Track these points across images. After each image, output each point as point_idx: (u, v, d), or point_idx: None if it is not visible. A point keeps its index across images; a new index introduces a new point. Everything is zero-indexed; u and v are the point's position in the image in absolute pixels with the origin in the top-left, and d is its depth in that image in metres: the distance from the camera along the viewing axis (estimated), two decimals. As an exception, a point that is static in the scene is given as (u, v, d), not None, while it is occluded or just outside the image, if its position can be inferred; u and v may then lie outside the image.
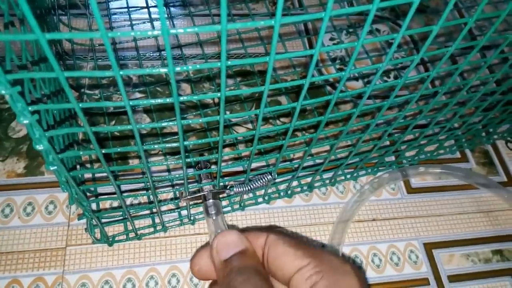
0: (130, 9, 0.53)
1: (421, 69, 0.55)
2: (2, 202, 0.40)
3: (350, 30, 0.57)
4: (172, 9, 0.56)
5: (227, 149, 0.45)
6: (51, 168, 0.24)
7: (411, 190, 0.46)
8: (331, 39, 0.56)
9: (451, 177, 0.46)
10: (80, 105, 0.20)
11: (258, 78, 0.50)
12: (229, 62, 0.19)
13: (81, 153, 0.24)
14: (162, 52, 0.51)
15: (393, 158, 0.46)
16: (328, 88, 0.51)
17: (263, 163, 0.45)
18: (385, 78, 0.54)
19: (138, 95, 0.47)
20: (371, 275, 0.40)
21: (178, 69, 0.18)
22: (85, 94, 0.47)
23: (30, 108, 0.19)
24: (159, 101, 0.20)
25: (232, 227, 0.41)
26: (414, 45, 0.57)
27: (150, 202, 0.41)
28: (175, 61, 0.51)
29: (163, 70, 0.18)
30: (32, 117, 0.19)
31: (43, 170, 0.42)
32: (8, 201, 0.40)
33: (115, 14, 0.53)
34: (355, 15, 0.59)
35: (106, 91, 0.47)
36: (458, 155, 0.49)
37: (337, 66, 0.53)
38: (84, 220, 0.39)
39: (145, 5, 0.54)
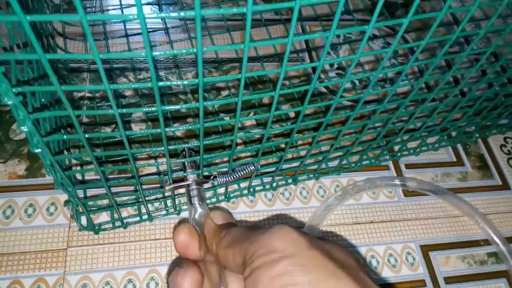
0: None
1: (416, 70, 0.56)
2: (3, 204, 0.40)
3: (350, 39, 0.58)
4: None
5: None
6: (35, 150, 0.25)
7: (408, 193, 0.46)
8: (328, 53, 0.57)
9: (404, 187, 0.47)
10: (63, 87, 0.20)
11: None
12: (204, 48, 0.20)
13: (64, 136, 0.25)
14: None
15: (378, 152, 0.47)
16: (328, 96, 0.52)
17: (249, 154, 0.45)
18: (383, 82, 0.54)
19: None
20: (369, 276, 0.40)
21: (156, 53, 0.20)
22: (68, 79, 0.47)
23: (14, 90, 0.20)
24: (139, 85, 0.21)
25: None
26: (412, 54, 0.58)
27: (136, 191, 0.41)
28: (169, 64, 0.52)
29: (142, 54, 0.19)
30: (16, 98, 0.20)
31: (44, 172, 0.42)
32: (10, 202, 0.41)
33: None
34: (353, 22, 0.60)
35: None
36: (453, 158, 0.50)
37: (335, 72, 0.54)
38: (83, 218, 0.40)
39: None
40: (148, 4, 0.56)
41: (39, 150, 0.25)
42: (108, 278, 0.37)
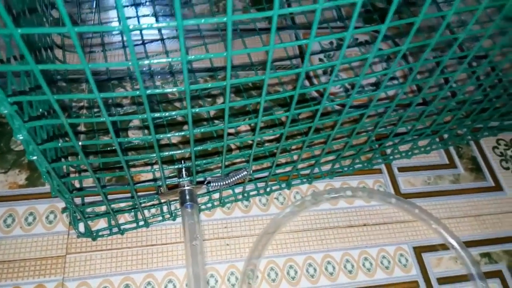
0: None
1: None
2: (4, 213, 0.42)
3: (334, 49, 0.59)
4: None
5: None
6: (31, 158, 0.26)
7: (400, 194, 0.47)
8: (320, 60, 0.58)
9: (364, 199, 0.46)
10: (55, 96, 0.22)
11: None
12: (189, 57, 0.21)
13: (59, 144, 0.26)
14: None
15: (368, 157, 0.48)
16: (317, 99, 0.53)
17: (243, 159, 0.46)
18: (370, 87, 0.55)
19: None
20: (362, 278, 0.41)
21: (145, 62, 0.21)
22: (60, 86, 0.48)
23: (9, 100, 0.21)
24: (128, 93, 0.23)
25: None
26: (404, 59, 0.59)
27: (132, 197, 0.42)
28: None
29: (129, 63, 0.20)
30: (11, 107, 0.21)
31: (44, 182, 0.44)
32: (10, 211, 0.42)
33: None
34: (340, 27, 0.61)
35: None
36: (446, 161, 0.50)
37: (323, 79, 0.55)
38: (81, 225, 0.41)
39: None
40: (144, 16, 0.58)
41: (35, 157, 0.27)
42: (105, 284, 0.38)
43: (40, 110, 0.34)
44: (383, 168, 0.49)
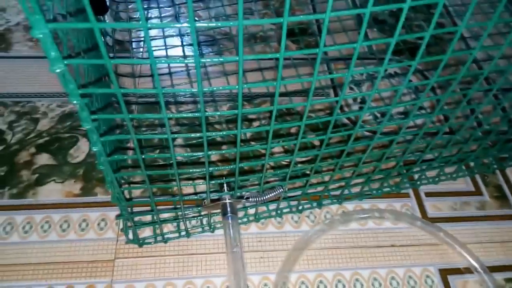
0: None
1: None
2: (60, 219, 0.46)
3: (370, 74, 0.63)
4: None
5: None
6: (101, 168, 0.30)
7: (428, 219, 0.49)
8: (351, 89, 0.62)
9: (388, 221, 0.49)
10: (112, 61, 0.23)
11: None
12: (244, 85, 0.25)
13: (125, 156, 0.30)
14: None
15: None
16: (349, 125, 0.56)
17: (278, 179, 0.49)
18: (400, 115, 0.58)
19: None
20: (389, 296, 0.43)
21: (205, 89, 0.24)
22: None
23: (79, 91, 0.25)
24: (192, 114, 0.26)
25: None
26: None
27: (176, 208, 0.46)
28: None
29: (193, 90, 0.24)
30: (82, 100, 0.25)
31: (96, 191, 0.48)
32: (66, 218, 0.46)
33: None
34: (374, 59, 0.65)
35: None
36: (472, 188, 0.52)
37: (358, 106, 0.59)
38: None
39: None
40: (188, 45, 0.63)
41: (103, 168, 0.31)
42: None
43: (104, 128, 0.39)
44: (411, 192, 0.51)
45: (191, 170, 0.34)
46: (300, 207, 0.47)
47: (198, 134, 0.30)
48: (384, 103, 0.58)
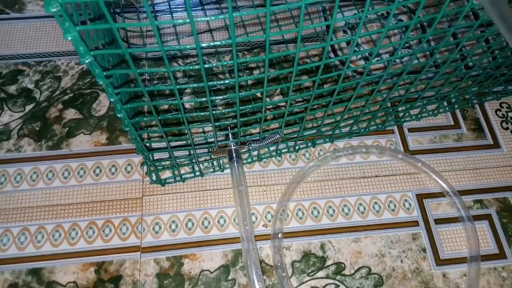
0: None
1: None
2: (93, 165, 0.54)
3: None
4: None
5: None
6: (126, 129, 0.37)
7: (408, 151, 0.56)
8: (345, 32, 0.66)
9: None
10: (116, 25, 0.27)
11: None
12: (237, 39, 0.30)
13: (144, 118, 0.37)
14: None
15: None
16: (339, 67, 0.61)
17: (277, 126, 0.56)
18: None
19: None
20: (372, 218, 0.52)
21: (204, 44, 0.30)
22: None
23: (91, 53, 0.31)
24: (191, 67, 0.32)
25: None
26: (422, 29, 0.66)
27: (190, 154, 0.53)
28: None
29: (193, 46, 0.30)
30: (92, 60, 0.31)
31: (121, 140, 0.56)
32: (97, 164, 0.54)
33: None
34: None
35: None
36: (451, 122, 0.58)
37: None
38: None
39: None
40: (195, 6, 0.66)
41: (127, 128, 0.38)
42: (173, 218, 0.51)
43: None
44: (395, 129, 0.58)
45: (195, 114, 0.40)
46: (297, 147, 0.55)
47: (201, 84, 0.36)
48: (374, 45, 0.62)
